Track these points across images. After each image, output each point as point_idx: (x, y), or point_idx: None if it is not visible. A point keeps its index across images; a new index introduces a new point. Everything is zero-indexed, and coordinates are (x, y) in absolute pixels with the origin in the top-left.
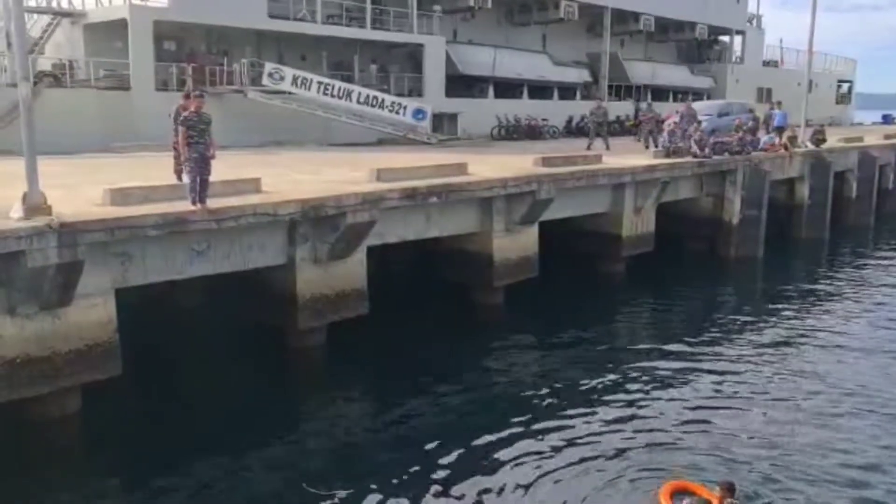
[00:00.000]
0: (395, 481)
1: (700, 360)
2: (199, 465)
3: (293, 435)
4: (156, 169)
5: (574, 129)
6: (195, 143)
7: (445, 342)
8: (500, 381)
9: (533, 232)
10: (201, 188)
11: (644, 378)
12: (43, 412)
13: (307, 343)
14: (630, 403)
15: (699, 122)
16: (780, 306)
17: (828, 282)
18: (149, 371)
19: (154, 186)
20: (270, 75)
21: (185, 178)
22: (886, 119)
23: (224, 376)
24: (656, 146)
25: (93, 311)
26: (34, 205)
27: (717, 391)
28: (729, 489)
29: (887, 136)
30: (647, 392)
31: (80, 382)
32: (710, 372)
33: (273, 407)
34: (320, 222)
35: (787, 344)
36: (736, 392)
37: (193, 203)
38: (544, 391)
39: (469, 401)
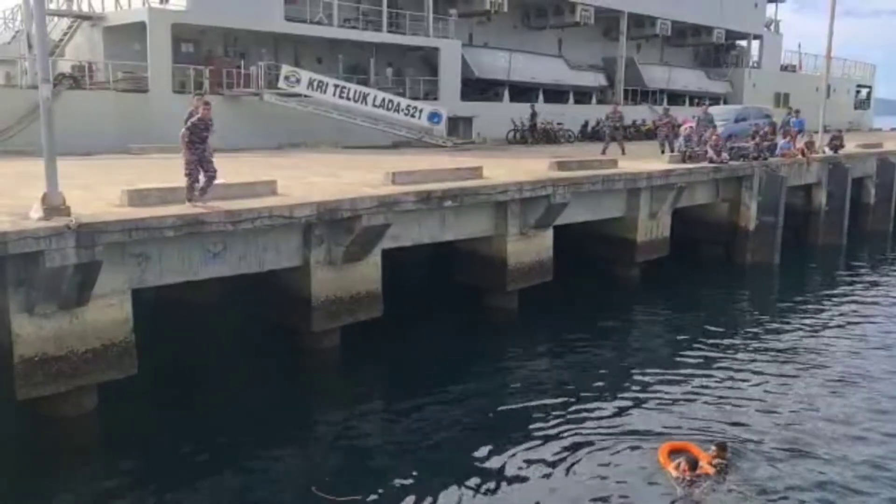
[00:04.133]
0: (407, 484)
1: (712, 364)
2: (213, 465)
3: (306, 436)
4: (173, 171)
5: (590, 134)
6: (195, 146)
7: (459, 346)
8: (512, 383)
9: (548, 236)
10: (192, 185)
11: (655, 380)
12: (59, 410)
13: (321, 345)
14: (641, 402)
15: (715, 127)
16: (795, 312)
17: (844, 288)
18: (164, 370)
19: (171, 188)
20: (287, 78)
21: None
22: None
23: (239, 377)
24: (672, 151)
25: (109, 311)
26: (53, 205)
27: (726, 391)
28: (722, 448)
29: None
30: (657, 392)
31: (97, 381)
32: (721, 374)
33: (287, 408)
34: (335, 225)
35: (800, 348)
36: (745, 391)
37: (202, 193)
38: (557, 393)
39: (482, 403)
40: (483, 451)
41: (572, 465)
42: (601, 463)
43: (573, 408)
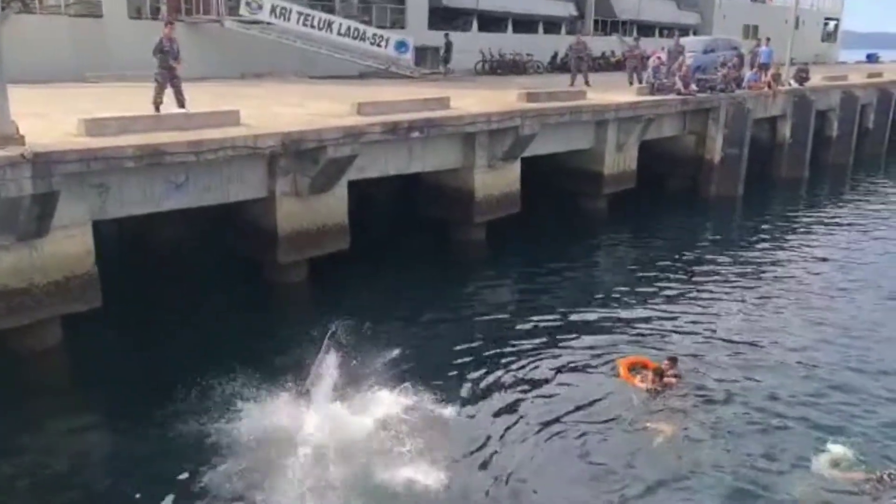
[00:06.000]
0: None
1: (672, 289)
2: (178, 399)
3: (273, 368)
4: (132, 99)
5: (559, 65)
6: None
7: (426, 278)
8: (480, 312)
9: (515, 168)
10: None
11: (619, 304)
12: (23, 344)
13: (288, 277)
14: (604, 323)
15: (684, 59)
16: (752, 242)
17: (802, 220)
18: (130, 305)
19: (131, 117)
20: (248, 4)
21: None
22: (870, 58)
23: (206, 311)
24: (641, 83)
25: (70, 243)
26: (6, 134)
27: (684, 313)
28: (672, 360)
29: (871, 75)
30: (619, 315)
31: (60, 314)
32: (679, 297)
33: (254, 340)
34: (301, 155)
35: (754, 274)
36: (701, 312)
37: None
38: (524, 320)
39: (450, 332)
40: (450, 378)
41: (541, 385)
42: (569, 381)
43: (540, 333)
